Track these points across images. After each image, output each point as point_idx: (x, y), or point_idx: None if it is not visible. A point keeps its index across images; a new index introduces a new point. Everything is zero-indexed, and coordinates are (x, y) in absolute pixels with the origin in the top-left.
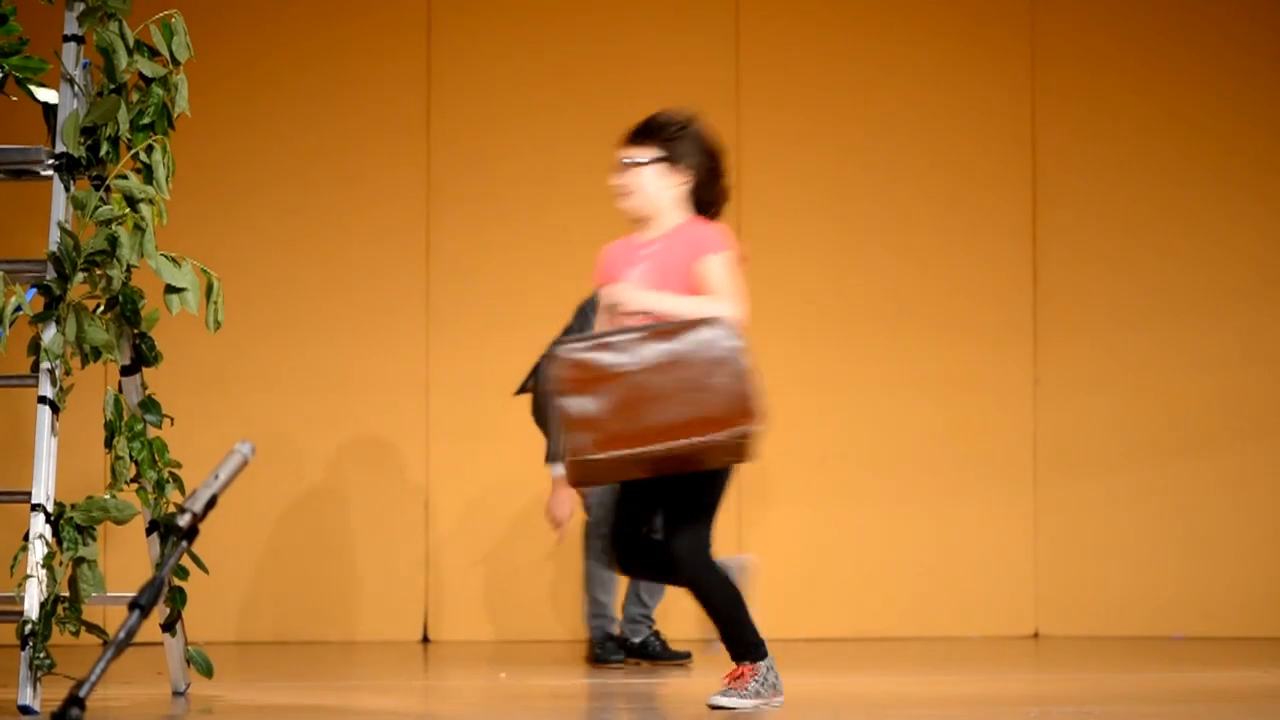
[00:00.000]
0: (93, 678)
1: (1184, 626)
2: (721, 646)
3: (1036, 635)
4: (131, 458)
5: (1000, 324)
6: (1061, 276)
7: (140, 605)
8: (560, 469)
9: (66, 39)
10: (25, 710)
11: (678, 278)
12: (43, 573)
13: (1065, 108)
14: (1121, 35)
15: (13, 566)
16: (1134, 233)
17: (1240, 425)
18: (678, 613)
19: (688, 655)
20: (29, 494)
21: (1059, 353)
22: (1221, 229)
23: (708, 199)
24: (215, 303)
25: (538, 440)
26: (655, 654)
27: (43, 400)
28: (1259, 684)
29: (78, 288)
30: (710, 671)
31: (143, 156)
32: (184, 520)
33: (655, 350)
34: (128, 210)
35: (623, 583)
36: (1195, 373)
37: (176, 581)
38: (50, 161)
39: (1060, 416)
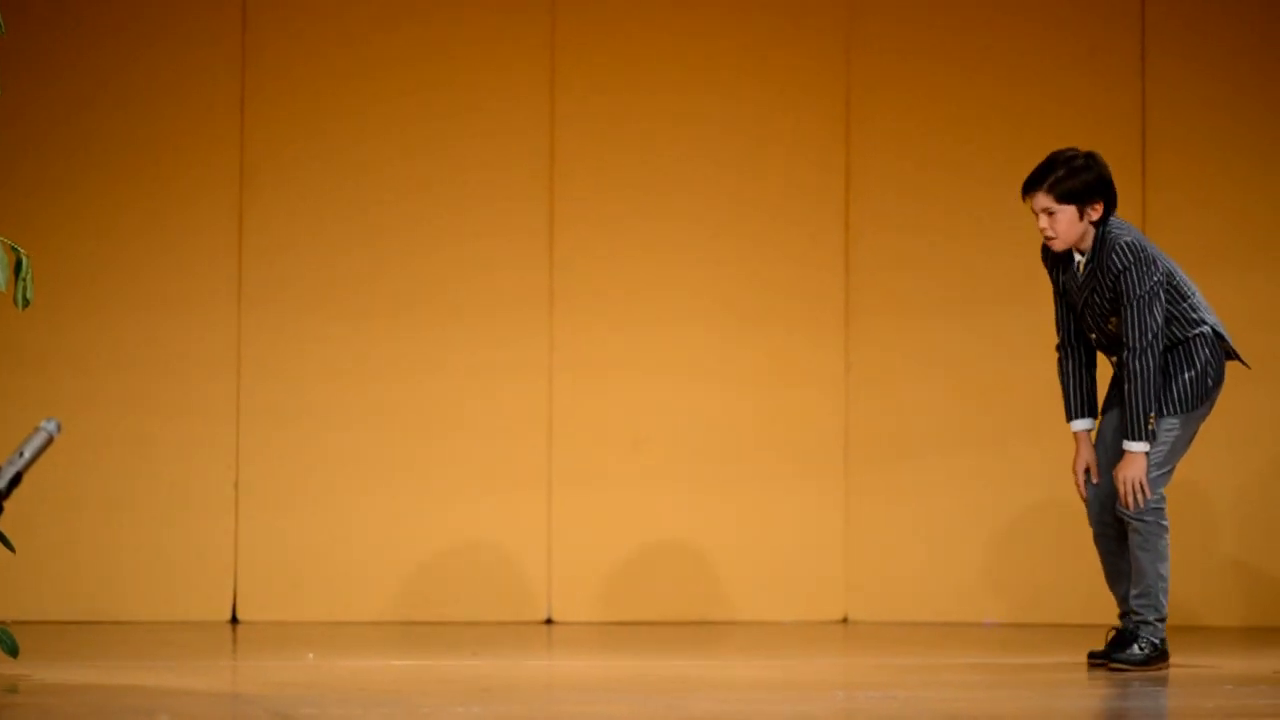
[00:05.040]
0: None
1: (993, 613)
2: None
3: (846, 620)
4: None
5: (812, 311)
6: (874, 264)
7: None
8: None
9: None
10: None
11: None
12: None
13: (880, 95)
14: (936, 24)
15: None
16: (947, 220)
17: (1051, 413)
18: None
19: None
20: None
21: (871, 340)
22: (1031, 218)
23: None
24: (24, 280)
25: (350, 419)
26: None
27: None
28: (1062, 668)
29: None
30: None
31: None
32: None
33: None
34: None
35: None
36: (1007, 360)
37: None
38: None
39: (872, 403)
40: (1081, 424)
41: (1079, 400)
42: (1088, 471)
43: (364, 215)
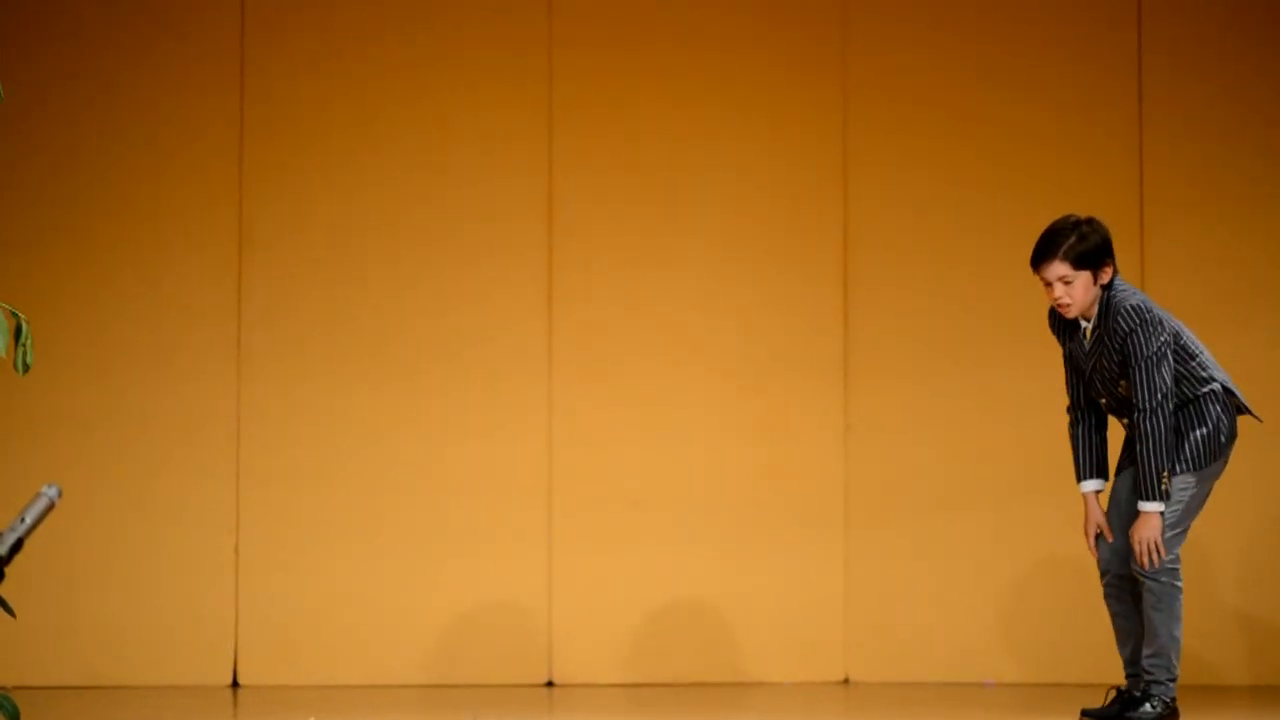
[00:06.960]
0: None
1: (994, 673)
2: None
3: (847, 681)
4: None
5: (811, 369)
6: (873, 321)
7: None
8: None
9: None
10: None
11: None
12: None
13: (878, 151)
14: (933, 75)
15: None
16: (945, 279)
17: (1049, 473)
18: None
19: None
20: None
21: (870, 398)
22: (1031, 277)
23: None
24: (24, 345)
25: (350, 482)
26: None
27: None
28: None
29: None
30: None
31: None
32: None
33: None
34: None
35: None
36: (1009, 418)
37: None
38: None
39: (872, 461)
40: (1091, 485)
41: (1089, 461)
42: (1100, 534)
43: (363, 277)
